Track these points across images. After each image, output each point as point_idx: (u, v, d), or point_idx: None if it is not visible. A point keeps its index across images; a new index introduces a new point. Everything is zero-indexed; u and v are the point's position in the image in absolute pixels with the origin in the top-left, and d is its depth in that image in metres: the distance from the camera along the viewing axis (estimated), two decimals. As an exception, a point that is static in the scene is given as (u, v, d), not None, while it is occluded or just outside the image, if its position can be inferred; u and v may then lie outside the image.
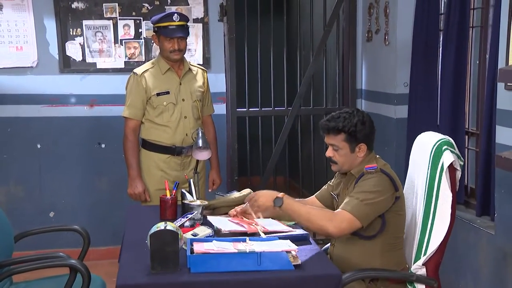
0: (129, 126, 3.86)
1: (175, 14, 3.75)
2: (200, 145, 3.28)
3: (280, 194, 2.73)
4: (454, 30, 3.95)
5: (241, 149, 5.17)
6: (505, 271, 3.35)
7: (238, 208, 3.02)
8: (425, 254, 2.75)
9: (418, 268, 2.75)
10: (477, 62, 3.99)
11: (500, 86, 3.31)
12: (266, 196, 2.75)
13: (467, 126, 4.04)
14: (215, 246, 2.46)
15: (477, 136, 3.93)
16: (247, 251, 2.40)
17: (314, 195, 3.22)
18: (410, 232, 2.94)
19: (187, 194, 3.15)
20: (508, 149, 3.26)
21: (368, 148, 2.90)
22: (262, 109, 5.18)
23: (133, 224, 3.07)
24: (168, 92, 3.79)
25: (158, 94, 3.79)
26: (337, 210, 2.75)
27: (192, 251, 2.44)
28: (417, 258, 2.79)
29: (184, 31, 3.79)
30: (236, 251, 2.41)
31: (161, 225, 2.41)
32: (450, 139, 2.82)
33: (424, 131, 4.34)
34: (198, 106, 3.91)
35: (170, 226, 2.41)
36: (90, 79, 5.01)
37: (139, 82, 3.82)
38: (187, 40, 3.87)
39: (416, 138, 3.06)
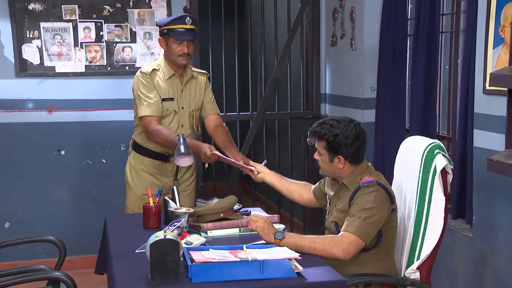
0: (152, 122, 3.57)
1: (187, 17, 3.61)
2: (182, 151, 3.18)
3: (282, 230, 2.70)
4: (424, 36, 3.99)
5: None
6: (484, 274, 3.40)
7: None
8: (418, 258, 2.75)
9: (412, 272, 2.75)
10: (447, 67, 4.05)
11: (478, 90, 3.36)
12: (268, 225, 2.69)
13: (437, 130, 4.09)
14: (215, 255, 2.38)
15: (449, 140, 3.99)
16: (249, 259, 2.34)
17: (311, 185, 3.20)
18: (399, 236, 2.93)
19: (171, 202, 3.05)
20: (486, 153, 3.31)
21: (351, 162, 2.82)
22: (227, 113, 5.12)
23: (115, 234, 2.94)
24: (172, 99, 3.65)
25: (164, 99, 3.63)
26: (341, 233, 2.69)
27: (192, 261, 2.35)
28: (410, 262, 2.78)
29: (194, 34, 3.65)
30: (238, 259, 2.34)
31: (160, 234, 2.31)
32: (440, 143, 2.83)
33: (392, 135, 4.41)
34: (195, 116, 3.76)
35: (169, 235, 2.32)
36: (48, 83, 4.82)
37: (150, 80, 3.62)
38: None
39: (403, 142, 3.06)
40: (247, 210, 3.18)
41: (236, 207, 3.17)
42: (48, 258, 4.92)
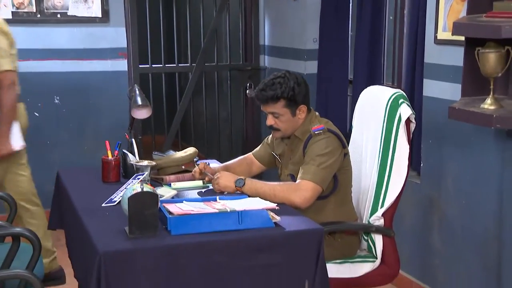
0: (14, 78, 3.40)
1: None
2: (140, 102, 3.08)
3: (242, 177, 2.71)
4: (370, -14, 4.02)
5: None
6: (431, 218, 3.54)
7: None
8: (382, 205, 2.81)
9: (376, 219, 2.81)
10: (391, 17, 4.10)
11: (429, 40, 3.43)
12: (227, 177, 2.71)
13: (382, 81, 4.16)
14: (192, 207, 2.34)
15: (394, 90, 4.06)
16: (228, 210, 2.31)
17: (251, 153, 3.17)
18: (360, 185, 2.99)
19: (130, 155, 2.96)
20: (436, 102, 3.41)
21: (307, 109, 2.87)
22: (166, 65, 5.00)
23: (74, 188, 2.82)
24: None
25: None
26: (298, 181, 2.72)
27: (169, 213, 2.30)
28: (374, 209, 2.84)
29: None
30: (217, 211, 2.31)
31: (137, 187, 2.24)
32: (403, 92, 2.88)
33: (335, 86, 4.45)
34: None
35: (146, 187, 2.25)
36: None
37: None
38: None
39: (362, 92, 3.09)
40: (207, 163, 3.13)
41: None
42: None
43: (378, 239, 2.81)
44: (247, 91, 5.18)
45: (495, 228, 3.09)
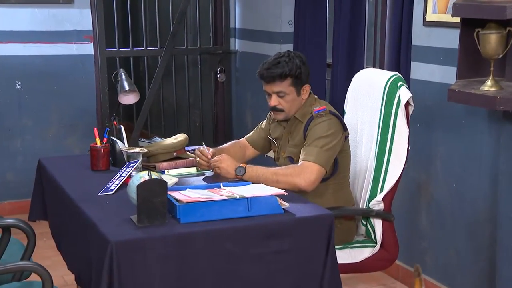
0: None
1: None
2: (127, 87, 2.93)
3: (242, 164, 2.63)
4: (350, -33, 3.96)
5: (112, 93, 4.77)
6: (419, 201, 3.52)
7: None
8: (382, 190, 2.77)
9: (376, 203, 2.76)
10: (371, 0, 4.06)
11: (417, 22, 3.39)
12: (228, 163, 2.63)
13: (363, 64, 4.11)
14: (200, 194, 2.24)
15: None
16: (237, 197, 2.22)
17: (244, 138, 3.09)
18: (355, 169, 2.94)
19: (119, 142, 2.82)
20: (424, 84, 3.39)
21: (310, 88, 2.84)
22: (134, 49, 4.83)
23: (64, 177, 2.67)
24: None
25: None
26: (300, 162, 2.66)
27: (177, 201, 2.19)
28: (373, 194, 2.79)
29: None
30: (226, 197, 2.22)
31: (143, 175, 2.12)
32: (401, 75, 2.83)
33: (313, 70, 4.34)
34: None
35: (154, 175, 2.14)
36: None
37: None
38: None
39: (355, 76, 3.04)
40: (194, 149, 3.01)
41: None
42: None
43: (378, 224, 2.77)
44: (218, 76, 5.07)
45: (488, 211, 3.09)
